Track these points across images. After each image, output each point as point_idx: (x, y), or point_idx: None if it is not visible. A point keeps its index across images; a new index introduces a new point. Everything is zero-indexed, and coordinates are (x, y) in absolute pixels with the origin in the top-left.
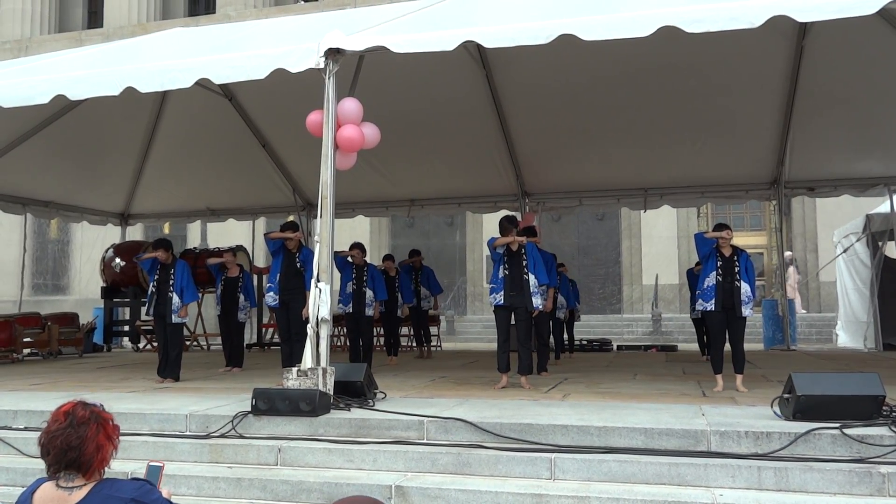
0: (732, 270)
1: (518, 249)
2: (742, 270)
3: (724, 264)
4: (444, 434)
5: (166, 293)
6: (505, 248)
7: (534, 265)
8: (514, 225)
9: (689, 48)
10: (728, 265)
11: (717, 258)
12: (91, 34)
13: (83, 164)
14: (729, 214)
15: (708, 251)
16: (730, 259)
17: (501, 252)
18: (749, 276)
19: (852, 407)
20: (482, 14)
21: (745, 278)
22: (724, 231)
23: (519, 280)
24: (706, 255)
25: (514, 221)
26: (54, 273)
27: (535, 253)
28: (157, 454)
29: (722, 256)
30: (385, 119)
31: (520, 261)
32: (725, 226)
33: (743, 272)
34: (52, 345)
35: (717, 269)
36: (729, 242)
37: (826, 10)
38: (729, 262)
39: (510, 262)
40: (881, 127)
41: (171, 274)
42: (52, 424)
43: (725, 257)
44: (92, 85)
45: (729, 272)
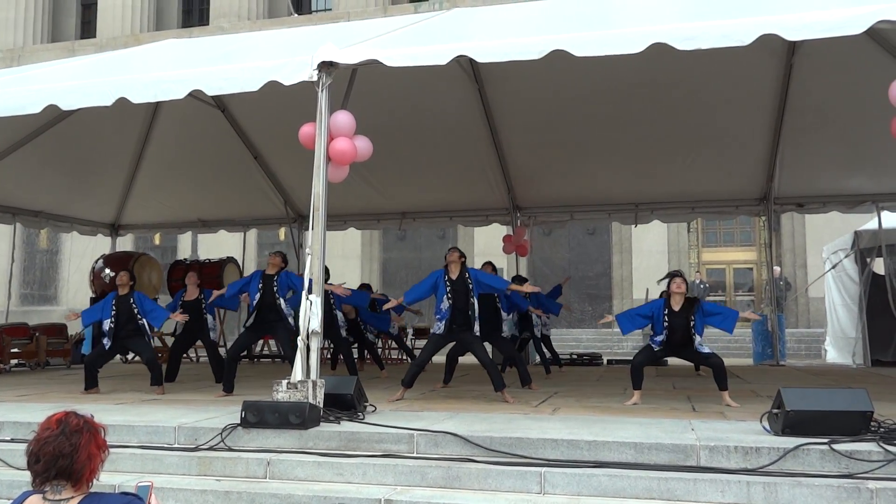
0: (686, 326)
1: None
2: (697, 324)
3: (673, 319)
4: (433, 447)
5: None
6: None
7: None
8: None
9: (680, 65)
10: (679, 320)
11: (665, 316)
12: (84, 44)
13: (74, 175)
14: (719, 229)
15: (648, 313)
16: (681, 312)
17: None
18: (700, 326)
19: (841, 422)
20: (475, 29)
21: (699, 330)
22: (677, 282)
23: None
24: (649, 315)
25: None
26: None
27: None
28: (145, 467)
29: (670, 311)
30: (377, 132)
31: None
32: (677, 273)
33: (699, 326)
34: (39, 356)
35: (665, 328)
36: (682, 296)
37: (815, 29)
38: (681, 316)
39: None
40: (869, 144)
41: (132, 303)
42: (43, 432)
43: (675, 311)
44: (84, 95)
45: (680, 326)
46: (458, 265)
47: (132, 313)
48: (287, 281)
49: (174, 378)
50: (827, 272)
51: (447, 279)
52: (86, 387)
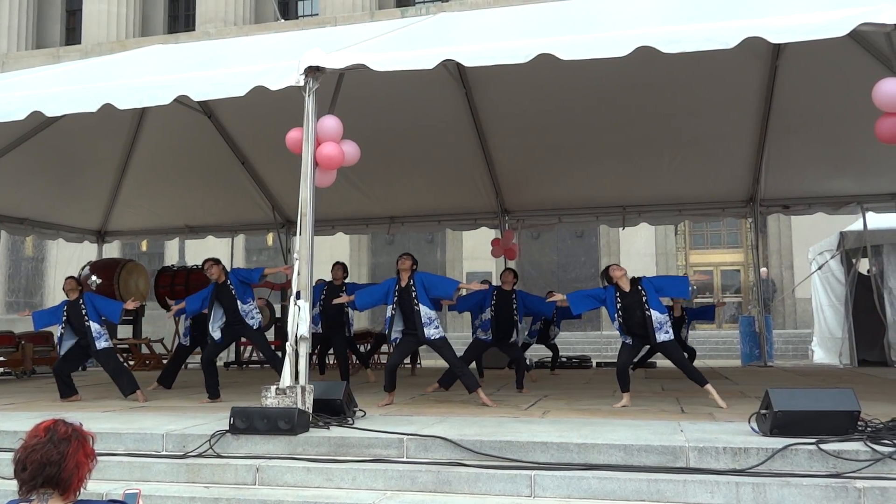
0: (639, 301)
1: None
2: (650, 299)
3: (625, 300)
4: (423, 452)
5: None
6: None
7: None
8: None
9: (665, 68)
10: (631, 298)
11: (616, 298)
12: (69, 50)
13: (60, 181)
14: (706, 232)
15: (601, 296)
16: (632, 292)
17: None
18: (657, 301)
19: (828, 422)
20: (462, 33)
21: (654, 305)
22: (612, 268)
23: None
24: (602, 298)
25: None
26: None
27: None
28: (132, 474)
29: (621, 293)
30: (365, 136)
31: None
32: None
33: (652, 300)
34: (25, 364)
35: (618, 311)
36: (625, 276)
37: (799, 32)
38: (632, 296)
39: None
40: (854, 146)
41: (81, 305)
42: (30, 440)
43: (626, 292)
44: (69, 101)
45: (634, 304)
46: (407, 273)
47: (82, 319)
48: (236, 279)
49: (170, 385)
50: (813, 273)
51: (397, 287)
52: (61, 395)
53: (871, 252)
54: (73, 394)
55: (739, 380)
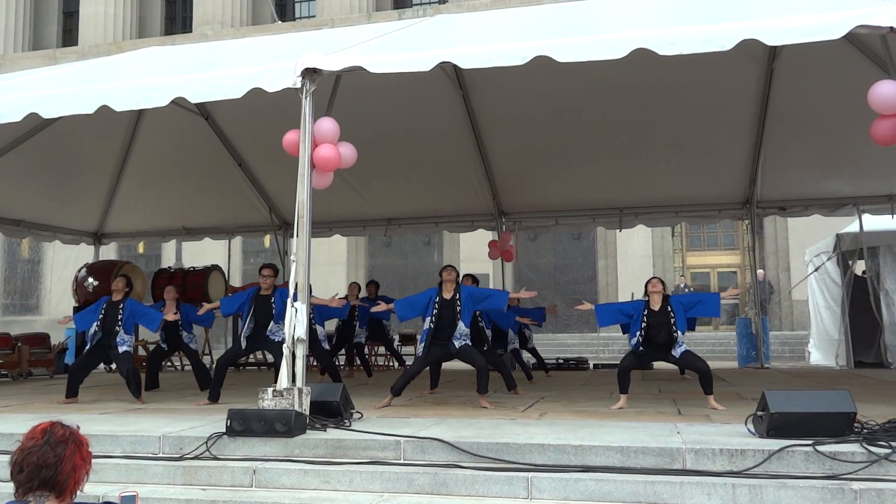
0: (667, 323)
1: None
2: (678, 320)
3: (652, 318)
4: (420, 454)
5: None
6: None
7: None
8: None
9: (662, 70)
10: (659, 318)
11: (644, 316)
12: (65, 52)
13: (56, 183)
14: (703, 234)
15: (629, 311)
16: (660, 312)
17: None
18: (683, 322)
19: (825, 424)
20: (459, 35)
21: (681, 327)
22: (653, 282)
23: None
24: (630, 314)
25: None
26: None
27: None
28: (129, 476)
29: (650, 311)
30: (362, 138)
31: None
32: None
33: (680, 322)
34: (22, 365)
35: (642, 329)
36: (659, 293)
37: (795, 34)
38: (660, 316)
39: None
40: (850, 148)
41: (121, 309)
42: (27, 442)
43: (655, 311)
44: (66, 103)
45: (661, 324)
46: (452, 284)
47: (116, 321)
48: (282, 299)
49: (155, 386)
50: (810, 275)
51: (438, 299)
52: (68, 394)
53: (868, 254)
54: (75, 395)
55: (736, 381)
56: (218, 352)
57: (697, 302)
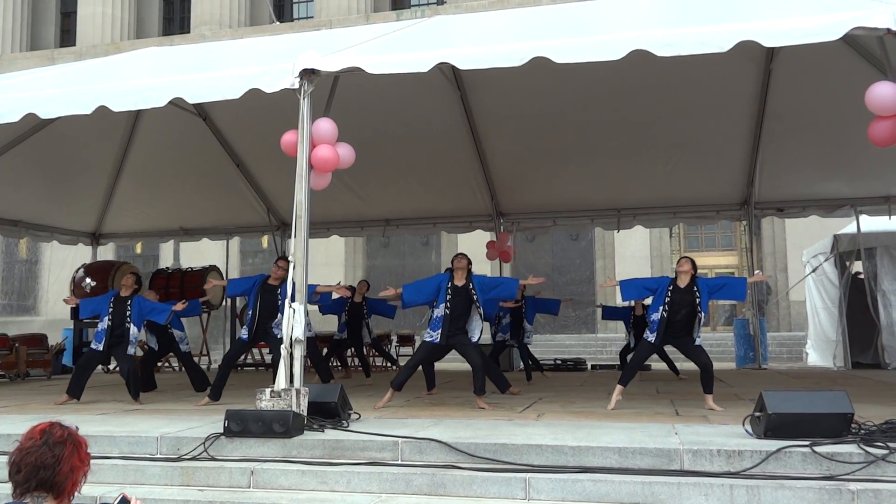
0: (691, 301)
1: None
2: (703, 301)
3: (676, 294)
4: (418, 455)
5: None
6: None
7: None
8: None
9: (660, 71)
10: (683, 295)
11: (668, 291)
12: (63, 52)
13: (54, 183)
14: (701, 235)
15: (654, 286)
16: (686, 290)
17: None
18: (706, 304)
19: (822, 425)
20: (457, 36)
21: (704, 308)
22: (682, 261)
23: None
24: (654, 288)
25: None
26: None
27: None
28: (126, 477)
29: (675, 287)
30: (360, 139)
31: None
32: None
33: (704, 303)
34: (19, 366)
35: (665, 304)
36: (687, 273)
37: (792, 35)
38: (685, 294)
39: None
40: (847, 149)
41: (129, 305)
42: (25, 442)
43: (681, 288)
44: (64, 103)
45: (685, 302)
46: (464, 272)
47: (125, 316)
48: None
49: (152, 388)
50: (807, 276)
51: (450, 286)
52: (71, 391)
53: (865, 255)
54: (78, 395)
55: (734, 382)
56: (216, 352)
57: (724, 285)
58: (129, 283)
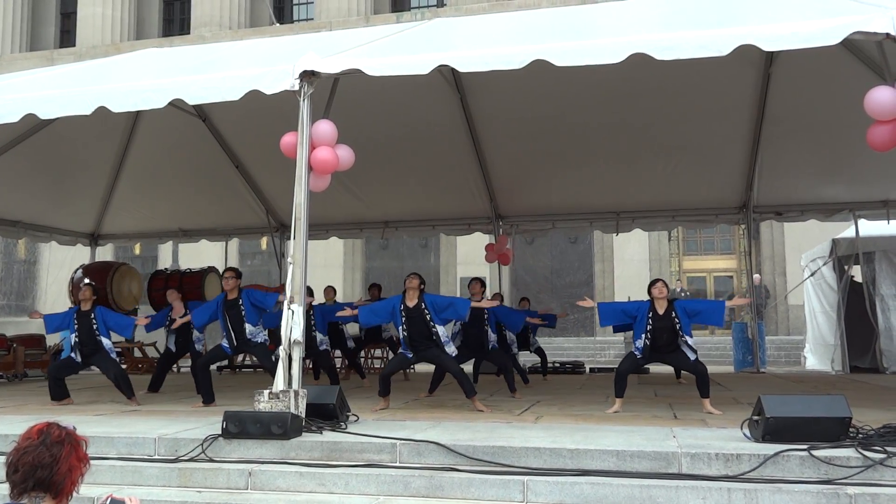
0: (671, 328)
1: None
2: (683, 326)
3: (657, 322)
4: (416, 457)
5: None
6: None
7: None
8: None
9: (659, 75)
10: (663, 323)
11: (648, 319)
12: (63, 53)
13: (53, 184)
14: (699, 238)
15: (633, 313)
16: (664, 317)
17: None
18: (688, 327)
19: (820, 429)
20: (457, 39)
21: (686, 332)
22: (658, 285)
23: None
24: (633, 316)
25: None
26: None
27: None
28: (124, 478)
29: (654, 314)
30: (359, 141)
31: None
32: (657, 280)
33: (685, 327)
34: (17, 367)
35: (647, 332)
36: (665, 298)
37: (792, 40)
38: (664, 320)
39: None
40: (846, 154)
41: (93, 319)
42: (23, 442)
43: (659, 315)
44: (63, 104)
45: (665, 329)
46: (415, 292)
47: (92, 330)
48: (249, 300)
49: (158, 389)
50: (806, 280)
51: (403, 307)
52: (52, 397)
53: (863, 259)
54: (64, 397)
55: (732, 386)
56: None
57: (701, 311)
58: (87, 297)
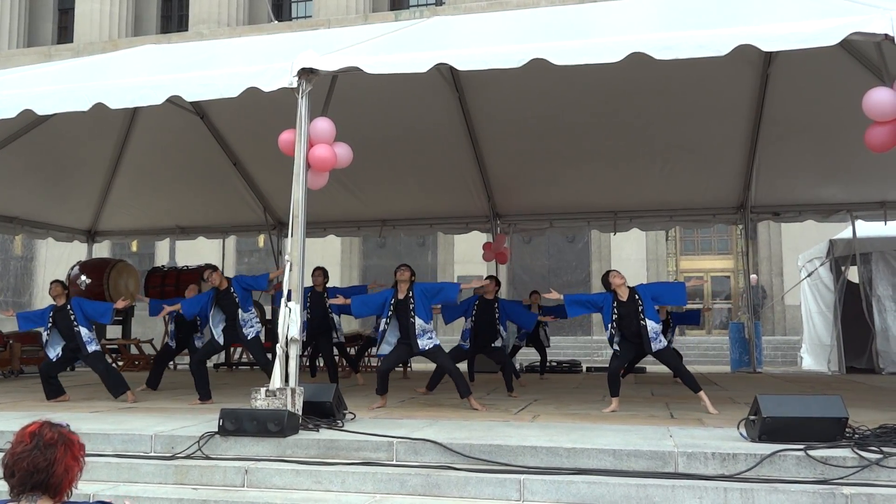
0: (635, 311)
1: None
2: (646, 308)
3: (622, 309)
4: (413, 455)
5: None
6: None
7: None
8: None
9: (658, 74)
10: (628, 308)
11: (613, 308)
12: (61, 49)
13: (50, 180)
14: (696, 238)
15: (599, 303)
16: (629, 301)
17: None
18: (652, 310)
19: (816, 429)
20: (455, 37)
21: (650, 315)
22: (613, 275)
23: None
24: (599, 306)
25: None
26: (17, 290)
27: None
28: (120, 476)
29: (619, 302)
30: (357, 139)
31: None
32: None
33: (648, 310)
34: (13, 363)
35: (613, 320)
36: (624, 285)
37: (790, 40)
38: (629, 305)
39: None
40: (844, 155)
41: (70, 311)
42: (17, 446)
43: (623, 301)
44: (60, 100)
45: (630, 314)
46: (405, 285)
47: (70, 325)
48: (240, 286)
49: (156, 386)
50: (802, 280)
51: (393, 300)
52: (47, 396)
53: (860, 260)
54: (59, 394)
55: (729, 386)
56: None
57: (664, 291)
58: (57, 292)
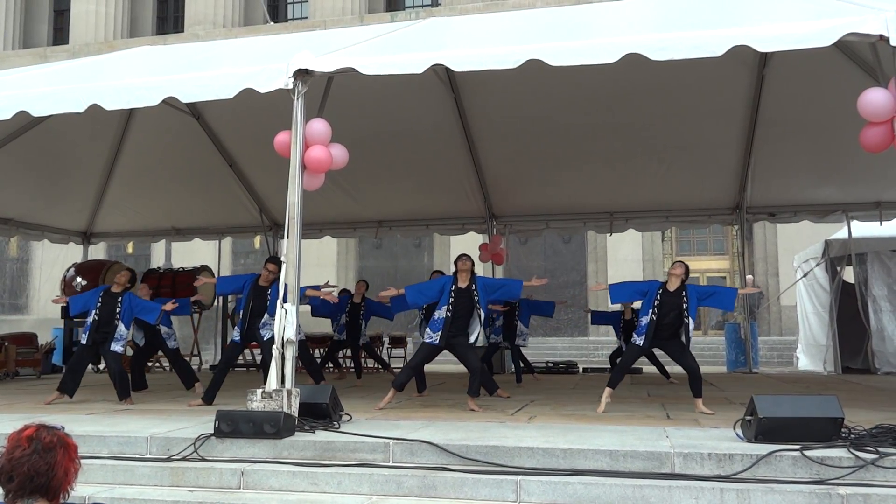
0: (679, 305)
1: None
2: (691, 306)
3: (665, 297)
4: (409, 456)
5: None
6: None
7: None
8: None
9: (653, 75)
10: (672, 299)
11: (657, 294)
12: (56, 51)
13: (46, 182)
14: (692, 238)
15: (644, 289)
16: (675, 294)
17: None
18: (695, 310)
19: (812, 429)
20: (451, 38)
21: (692, 314)
22: (675, 265)
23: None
24: (644, 291)
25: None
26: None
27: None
28: (116, 477)
29: (664, 290)
30: (353, 140)
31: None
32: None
33: (692, 309)
34: (8, 365)
35: (654, 307)
36: (679, 277)
37: (785, 41)
38: (674, 298)
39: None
40: (839, 155)
41: (119, 301)
42: (15, 450)
43: (670, 292)
44: (56, 101)
45: (673, 306)
46: (467, 274)
47: (114, 314)
48: (275, 293)
49: (144, 387)
50: (798, 280)
51: (454, 287)
52: (62, 388)
53: (856, 260)
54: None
55: (725, 386)
56: (207, 353)
57: (713, 293)
58: (122, 281)
